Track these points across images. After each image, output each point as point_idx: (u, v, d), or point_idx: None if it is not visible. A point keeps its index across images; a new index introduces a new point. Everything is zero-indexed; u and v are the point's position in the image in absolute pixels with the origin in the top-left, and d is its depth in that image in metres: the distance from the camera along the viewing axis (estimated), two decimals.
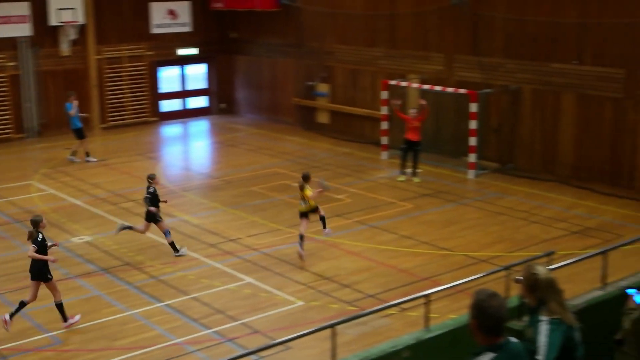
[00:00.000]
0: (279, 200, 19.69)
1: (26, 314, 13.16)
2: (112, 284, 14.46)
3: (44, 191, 20.92)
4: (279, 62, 29.61)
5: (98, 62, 28.97)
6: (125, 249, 16.26)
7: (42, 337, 12.43)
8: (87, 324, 12.76)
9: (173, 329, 12.54)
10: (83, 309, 13.33)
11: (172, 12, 30.55)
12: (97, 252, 16.11)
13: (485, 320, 5.29)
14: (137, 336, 12.35)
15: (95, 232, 17.38)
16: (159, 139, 28.88)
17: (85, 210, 19.14)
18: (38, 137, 27.97)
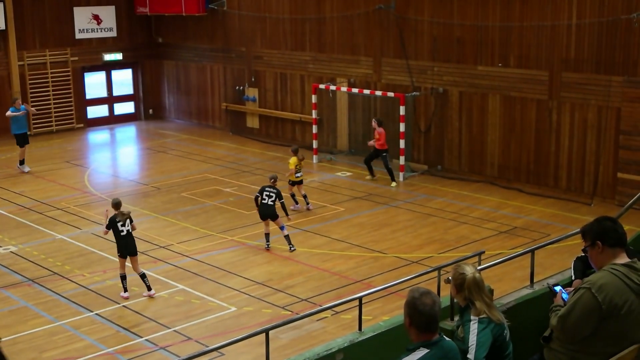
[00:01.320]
0: (210, 205, 19.55)
1: None
2: (39, 295, 14.15)
3: None
4: (207, 66, 29.43)
5: (21, 68, 28.31)
6: (53, 258, 15.93)
7: None
8: (15, 336, 12.45)
9: (104, 339, 12.33)
10: (9, 321, 13.02)
11: (96, 17, 30.07)
12: (23, 262, 15.75)
13: (418, 317, 5.42)
14: (66, 347, 12.12)
15: (21, 242, 16.98)
16: (86, 146, 28.36)
17: (10, 219, 18.69)
18: None
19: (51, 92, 29.20)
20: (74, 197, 20.47)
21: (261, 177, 21.72)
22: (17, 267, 15.53)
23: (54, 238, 17.23)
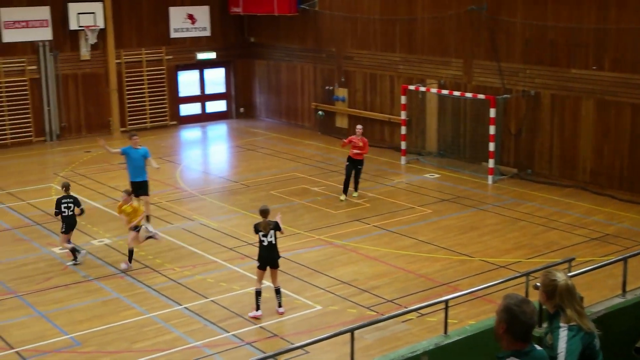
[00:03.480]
0: (298, 204, 19.72)
1: (46, 315, 13.28)
2: (131, 287, 14.54)
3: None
4: (297, 66, 29.68)
5: (118, 66, 29.14)
6: (144, 252, 16.33)
7: (61, 338, 12.50)
8: (107, 326, 12.83)
9: (192, 332, 12.59)
10: (102, 312, 13.43)
11: (191, 16, 30.68)
12: (116, 255, 16.20)
13: (515, 325, 5.24)
14: (156, 339, 12.41)
15: (114, 235, 17.48)
16: (178, 143, 29.00)
17: (105, 213, 19.25)
18: (58, 140, 28.18)
19: (146, 89, 29.95)
20: (166, 193, 20.94)
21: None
22: (111, 259, 15.99)
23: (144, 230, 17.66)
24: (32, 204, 20.14)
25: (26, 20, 27.32)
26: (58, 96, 28.20)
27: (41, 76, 27.79)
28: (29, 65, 27.51)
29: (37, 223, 18.49)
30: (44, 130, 28.12)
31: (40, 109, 27.92)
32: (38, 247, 16.85)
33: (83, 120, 28.93)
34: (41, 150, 27.16)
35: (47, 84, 27.93)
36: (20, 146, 27.37)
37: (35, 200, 20.46)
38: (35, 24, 27.53)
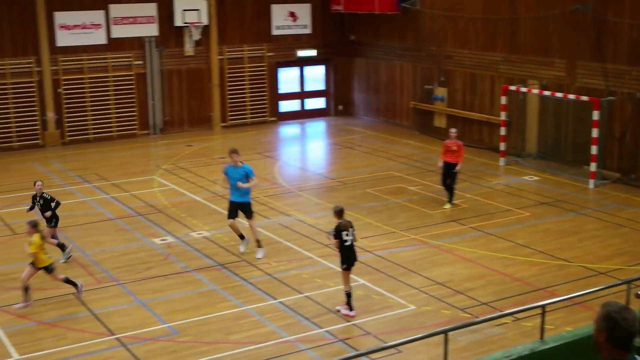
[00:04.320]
0: (394, 203, 19.71)
1: (147, 304, 13.67)
2: (228, 279, 14.82)
3: (166, 186, 21.62)
4: (396, 65, 29.62)
5: (220, 62, 29.72)
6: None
7: (160, 327, 12.85)
8: (204, 317, 13.12)
9: (286, 326, 12.75)
10: (199, 303, 13.73)
11: (292, 14, 31.00)
12: (214, 247, 16.54)
13: (616, 334, 5.07)
14: (251, 331, 12.62)
15: (213, 228, 17.84)
16: (277, 139, 29.38)
17: (204, 206, 19.67)
18: (161, 133, 28.95)
19: (247, 86, 30.43)
20: (264, 188, 21.23)
21: None
22: (209, 251, 16.34)
23: (244, 226, 17.95)
24: (135, 195, 20.75)
25: (134, 16, 28.15)
26: (162, 91, 28.96)
27: (147, 71, 28.58)
28: (136, 60, 28.34)
29: (139, 214, 19.05)
30: (148, 123, 28.93)
31: (145, 103, 28.74)
32: (140, 237, 17.35)
33: (185, 114, 29.63)
34: (145, 143, 27.95)
35: (152, 78, 28.71)
36: (125, 139, 28.26)
37: (138, 191, 21.07)
38: (142, 20, 28.33)
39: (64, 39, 27.27)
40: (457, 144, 19.26)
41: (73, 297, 14.00)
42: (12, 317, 13.26)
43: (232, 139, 28.20)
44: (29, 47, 26.84)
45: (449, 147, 19.26)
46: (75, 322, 13.04)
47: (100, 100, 28.03)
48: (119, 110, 28.35)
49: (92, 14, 27.62)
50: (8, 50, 26.56)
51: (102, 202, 20.21)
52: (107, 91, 28.04)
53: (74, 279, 14.05)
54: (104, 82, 27.95)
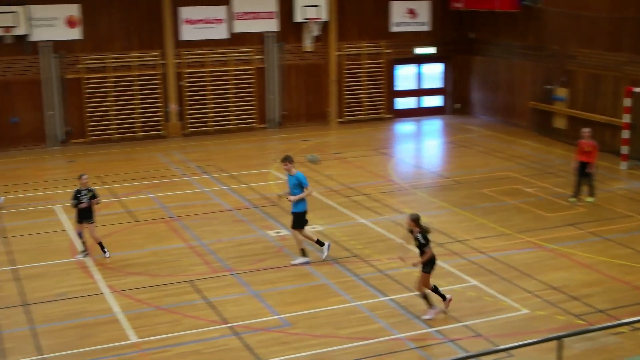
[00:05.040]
0: (510, 204, 19.38)
1: (260, 295, 13.93)
2: (340, 274, 14.93)
3: (281, 179, 21.92)
4: (516, 64, 29.07)
5: (338, 58, 29.92)
6: (355, 241, 16.71)
7: (272, 318, 13.07)
8: (314, 311, 13.27)
9: (396, 324, 12.75)
10: (310, 296, 13.89)
11: (411, 10, 30.88)
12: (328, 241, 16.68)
13: None
14: (360, 327, 12.69)
15: (326, 223, 18.00)
16: (392, 136, 29.34)
17: (318, 200, 19.86)
18: (278, 127, 29.39)
19: (364, 82, 30.52)
20: (379, 185, 21.27)
21: (565, 179, 21.13)
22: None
23: (357, 222, 18.06)
24: (251, 187, 21.15)
25: (255, 12, 28.66)
26: (281, 86, 29.38)
27: (266, 66, 29.06)
28: (256, 55, 28.85)
29: (255, 206, 19.41)
30: (266, 117, 29.41)
31: (263, 97, 29.24)
32: (255, 229, 17.68)
33: (303, 109, 29.97)
34: (262, 136, 28.44)
35: (272, 73, 29.17)
36: (243, 132, 28.83)
37: (254, 184, 21.47)
38: (263, 16, 28.82)
39: (188, 33, 28.03)
40: (590, 144, 19.21)
41: (188, 284, 14.41)
42: (132, 301, 13.77)
43: (347, 134, 28.37)
44: (155, 40, 27.73)
45: (583, 147, 19.13)
46: (191, 309, 13.42)
47: (221, 93, 28.69)
48: (238, 104, 28.95)
49: (215, 9, 28.28)
50: (135, 44, 27.53)
51: (220, 193, 20.70)
52: (227, 85, 28.67)
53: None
54: (224, 76, 28.59)
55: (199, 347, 12.02)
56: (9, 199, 20.31)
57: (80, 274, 15.18)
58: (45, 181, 22.38)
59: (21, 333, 12.62)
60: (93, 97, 27.22)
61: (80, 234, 15.96)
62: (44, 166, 24.52)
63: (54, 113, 26.95)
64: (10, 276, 15.08)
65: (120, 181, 22.02)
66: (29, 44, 26.29)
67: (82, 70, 26.96)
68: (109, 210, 19.25)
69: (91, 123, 27.35)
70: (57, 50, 26.62)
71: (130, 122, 27.72)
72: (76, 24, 26.77)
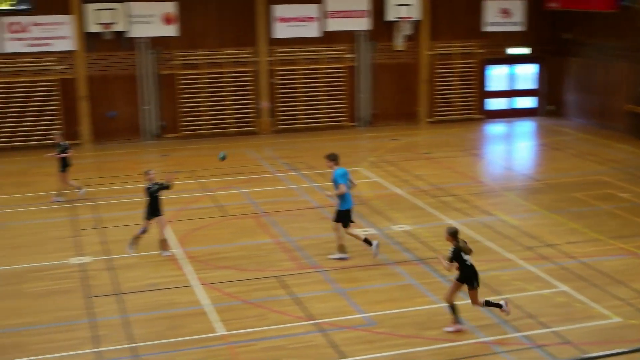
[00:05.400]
0: (603, 209, 18.94)
1: (345, 293, 13.99)
2: (426, 275, 14.88)
3: (370, 178, 21.97)
4: (613, 65, 28.34)
5: (429, 57, 29.75)
6: (442, 241, 16.55)
7: (357, 316, 13.12)
8: (400, 310, 13.25)
9: (482, 327, 12.63)
10: (396, 295, 13.89)
11: (505, 10, 30.45)
12: (414, 242, 16.64)
13: None
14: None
15: (414, 223, 17.95)
16: (483, 137, 29.03)
17: (406, 200, 19.81)
18: (368, 126, 29.43)
19: (455, 82, 30.27)
20: (467, 186, 21.08)
21: None
22: (409, 245, 16.46)
23: (445, 223, 17.94)
24: None
25: (347, 10, 28.75)
26: (371, 84, 29.41)
27: (357, 64, 29.12)
28: (347, 54, 28.94)
29: None
30: (355, 116, 29.49)
31: (353, 95, 29.32)
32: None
33: (392, 108, 29.92)
34: (352, 134, 28.52)
35: (362, 72, 29.21)
36: (333, 129, 28.97)
37: None
38: (355, 15, 28.89)
39: (281, 31, 28.31)
40: None
41: (275, 280, 14.59)
42: (220, 294, 14.02)
43: (437, 134, 28.21)
44: (248, 38, 28.12)
45: None
46: (277, 304, 13.58)
47: (311, 91, 28.89)
48: (328, 102, 29.10)
49: (307, 7, 28.50)
50: (229, 41, 27.98)
51: (308, 190, 20.86)
52: (318, 83, 28.85)
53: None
54: (315, 74, 28.79)
55: (284, 343, 12.17)
56: (105, 190, 20.93)
57: (171, 265, 15.54)
58: (140, 174, 22.92)
59: (114, 321, 13.01)
60: (187, 92, 27.79)
61: (144, 230, 16.23)
62: (138, 159, 25.18)
63: (149, 108, 27.65)
64: (104, 266, 15.56)
65: (211, 176, 22.43)
66: (127, 40, 27.03)
67: (177, 67, 27.56)
68: (199, 205, 19.66)
69: (184, 118, 27.94)
70: (153, 47, 27.28)
71: (222, 118, 28.20)
72: (172, 21, 27.38)
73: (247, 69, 28.17)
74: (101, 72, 27.02)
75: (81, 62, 26.76)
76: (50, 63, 26.56)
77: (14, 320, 13.13)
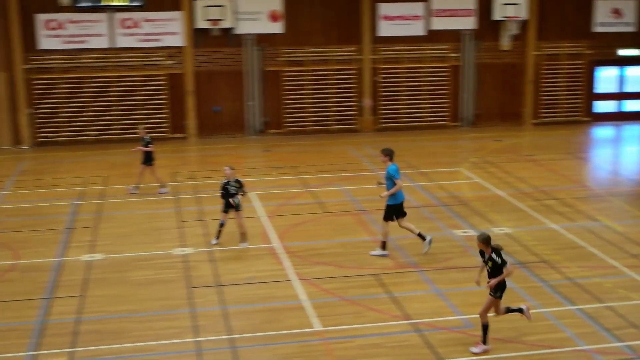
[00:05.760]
0: None
1: (443, 293, 13.91)
2: (527, 279, 14.62)
3: (471, 179, 21.75)
4: None
5: (536, 57, 29.20)
6: (544, 246, 16.31)
7: (454, 318, 13.01)
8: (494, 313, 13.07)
9: (583, 335, 12.34)
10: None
11: (616, 10, 29.62)
12: (515, 245, 16.38)
13: None
14: (545, 335, 12.37)
15: (515, 225, 17.67)
16: (589, 140, 28.33)
17: (507, 202, 19.52)
18: (471, 126, 29.13)
19: (562, 83, 29.63)
20: (572, 189, 20.63)
21: None
22: (509, 249, 16.16)
23: (547, 227, 17.61)
24: (440, 185, 21.10)
25: (453, 9, 28.51)
26: (475, 84, 29.08)
27: (461, 64, 28.85)
28: (451, 53, 28.71)
29: (443, 204, 19.36)
30: (458, 115, 29.23)
31: (457, 95, 29.06)
32: (442, 227, 17.64)
33: (496, 109, 29.53)
34: (454, 134, 28.30)
35: (467, 71, 28.92)
36: (435, 129, 28.81)
37: (443, 182, 21.40)
38: (461, 13, 28.64)
39: (385, 29, 28.31)
40: None
41: (372, 277, 14.62)
42: (318, 290, 14.14)
43: (542, 136, 27.68)
44: (352, 36, 28.22)
45: None
46: (374, 302, 13.60)
47: (414, 90, 28.78)
48: (431, 101, 28.93)
49: (413, 6, 28.40)
50: (334, 38, 28.14)
51: (408, 190, 20.73)
52: (421, 82, 28.72)
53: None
54: (418, 73, 28.67)
55: (380, 341, 12.18)
56: (208, 183, 21.36)
57: (270, 259, 15.77)
58: (243, 168, 23.34)
59: (213, 312, 13.29)
60: (290, 89, 28.10)
61: (223, 223, 16.52)
62: (242, 154, 25.63)
63: (254, 104, 28.08)
64: (206, 257, 15.90)
65: (312, 172, 22.63)
66: (233, 36, 27.52)
67: (282, 63, 27.89)
68: (300, 200, 19.87)
69: (287, 115, 28.26)
70: (259, 43, 27.69)
71: (325, 115, 28.39)
72: (278, 19, 27.72)
73: (351, 67, 28.27)
74: (207, 68, 27.60)
75: (189, 58, 27.40)
76: (160, 58, 27.29)
77: (117, 306, 13.57)
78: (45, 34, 26.57)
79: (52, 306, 13.61)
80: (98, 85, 27.01)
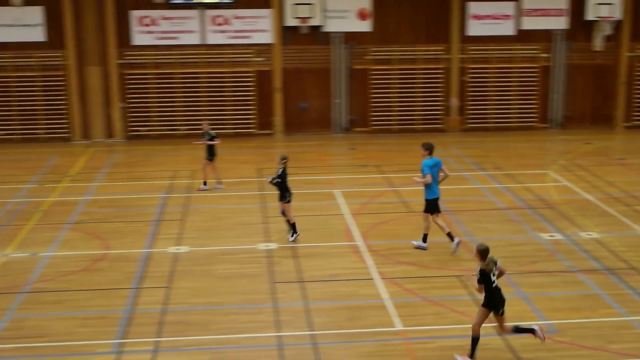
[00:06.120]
0: None
1: (528, 297, 13.72)
2: (614, 286, 14.29)
3: (559, 182, 21.37)
4: None
5: (629, 59, 28.46)
6: (633, 252, 15.91)
7: (539, 323, 12.79)
8: (583, 320, 12.83)
9: None
10: (580, 305, 13.45)
11: None
12: (603, 251, 16.03)
13: None
14: (633, 344, 12.08)
15: (604, 231, 17.29)
16: None
17: (596, 206, 19.11)
18: (560, 128, 28.62)
19: None
20: None
21: None
22: (597, 254, 15.86)
23: (637, 233, 17.17)
24: (527, 187, 20.79)
25: (544, 8, 28.03)
26: (566, 85, 28.53)
27: (552, 64, 28.34)
28: (542, 53, 28.25)
29: (529, 207, 19.07)
30: (548, 117, 28.74)
31: (546, 96, 28.58)
32: (527, 230, 17.39)
33: (588, 111, 28.92)
34: (543, 136, 27.85)
35: (557, 72, 28.40)
36: (523, 130, 28.40)
37: (530, 184, 21.08)
38: (552, 13, 28.15)
39: (474, 28, 28.04)
40: None
41: (456, 279, 14.53)
42: (400, 289, 14.13)
43: (634, 140, 27.08)
44: (441, 35, 28.05)
45: None
46: (457, 303, 13.52)
47: (502, 90, 28.42)
48: (520, 102, 28.53)
49: (503, 5, 28.05)
50: (422, 38, 28.03)
51: (494, 191, 20.57)
52: (510, 82, 28.34)
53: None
54: (507, 73, 28.30)
55: (461, 343, 12.08)
56: (293, 180, 21.48)
57: (353, 257, 15.83)
58: (328, 166, 23.52)
59: (295, 308, 13.42)
60: (377, 88, 28.11)
61: (283, 211, 16.80)
62: (327, 151, 25.77)
63: (340, 101, 28.18)
64: (290, 253, 16.06)
65: (397, 171, 22.60)
66: (322, 34, 27.68)
67: (369, 62, 27.92)
68: (384, 199, 19.88)
69: (374, 113, 28.27)
70: (347, 42, 27.77)
71: (411, 114, 28.30)
72: (367, 17, 27.75)
73: (439, 66, 28.11)
74: (295, 65, 27.83)
75: (277, 55, 27.68)
76: (249, 55, 27.65)
77: (202, 299, 13.84)
78: (138, 30, 27.24)
79: (139, 296, 13.98)
80: (188, 81, 27.55)
